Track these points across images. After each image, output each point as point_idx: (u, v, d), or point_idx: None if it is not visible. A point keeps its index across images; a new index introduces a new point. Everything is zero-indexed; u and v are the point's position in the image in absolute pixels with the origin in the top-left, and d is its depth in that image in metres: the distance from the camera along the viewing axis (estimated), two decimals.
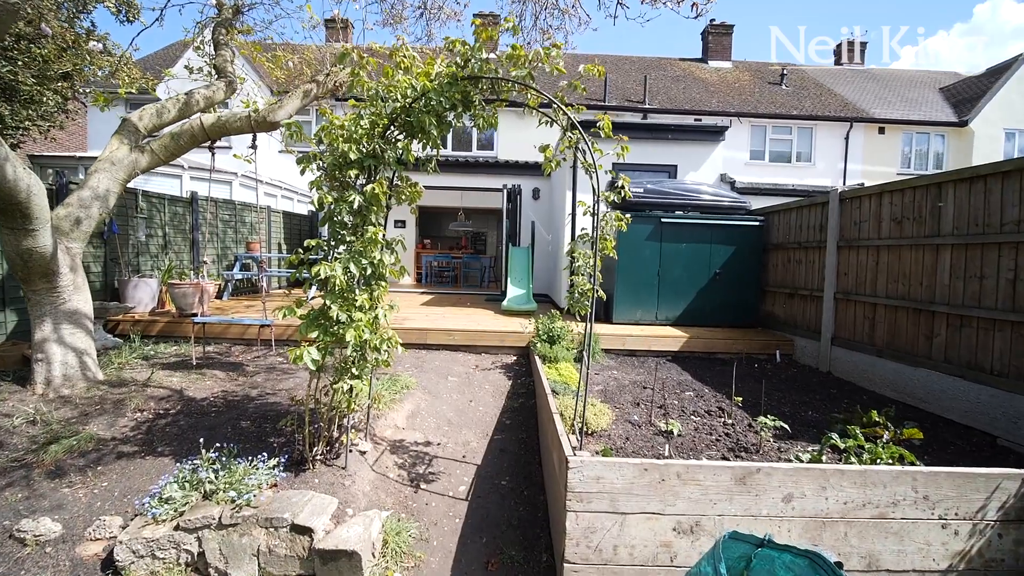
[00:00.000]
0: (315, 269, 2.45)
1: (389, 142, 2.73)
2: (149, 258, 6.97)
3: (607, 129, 2.84)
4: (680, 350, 5.94)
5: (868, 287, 4.90)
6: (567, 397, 3.75)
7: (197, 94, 4.89)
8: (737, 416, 3.91)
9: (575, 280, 3.02)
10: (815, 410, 4.22)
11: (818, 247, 5.66)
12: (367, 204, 2.62)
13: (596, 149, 2.87)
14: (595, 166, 2.70)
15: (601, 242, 3.03)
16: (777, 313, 6.45)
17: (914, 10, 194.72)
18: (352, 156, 2.58)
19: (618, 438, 3.39)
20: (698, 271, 6.63)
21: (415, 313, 7.30)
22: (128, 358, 5.03)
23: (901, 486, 2.34)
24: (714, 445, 3.37)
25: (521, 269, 8.52)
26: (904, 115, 15.23)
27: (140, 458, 3.14)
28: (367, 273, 2.66)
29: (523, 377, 5.08)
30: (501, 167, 10.59)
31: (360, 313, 2.64)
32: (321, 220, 2.78)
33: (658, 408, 4.07)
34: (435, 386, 4.71)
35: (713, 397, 4.47)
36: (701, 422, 3.80)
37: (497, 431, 4.01)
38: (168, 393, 4.20)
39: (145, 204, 6.86)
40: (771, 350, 6.00)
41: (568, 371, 4.55)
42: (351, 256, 2.57)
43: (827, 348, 5.39)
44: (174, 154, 4.61)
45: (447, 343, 5.90)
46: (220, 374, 4.79)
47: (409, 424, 3.96)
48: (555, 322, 5.22)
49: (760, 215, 6.74)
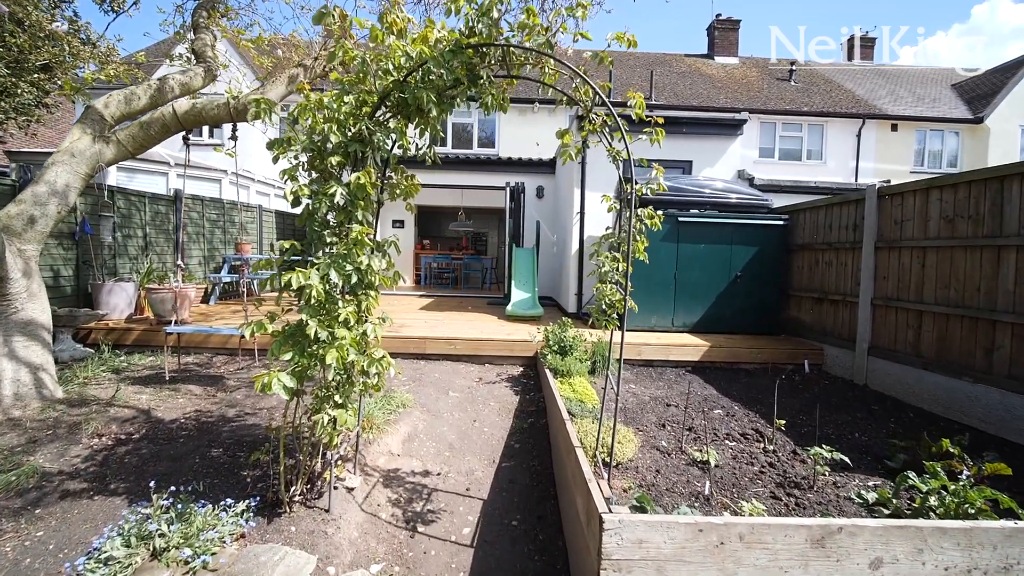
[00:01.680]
0: (286, 277, 1.99)
1: (379, 124, 2.26)
2: (128, 260, 6.49)
3: (639, 107, 2.38)
4: (701, 360, 5.47)
5: (912, 292, 4.44)
6: (586, 420, 3.29)
7: (172, 80, 4.43)
8: (778, 441, 3.44)
9: (601, 289, 2.55)
10: (862, 431, 3.76)
11: (851, 248, 5.20)
12: (352, 198, 2.16)
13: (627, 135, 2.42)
14: (628, 152, 2.23)
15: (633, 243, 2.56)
16: (803, 319, 5.99)
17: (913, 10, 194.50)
18: (333, 139, 2.12)
19: (647, 470, 2.93)
20: (717, 274, 6.17)
21: (413, 319, 6.83)
22: (95, 371, 4.56)
23: (1015, 547, 1.88)
24: (758, 478, 2.91)
25: (526, 271, 8.06)
26: (918, 112, 14.79)
27: (88, 498, 2.67)
28: (352, 281, 2.19)
29: (532, 392, 4.61)
30: (503, 164, 10.13)
31: (344, 330, 2.18)
32: (300, 218, 2.32)
33: (687, 431, 3.61)
34: (435, 403, 4.24)
35: (745, 416, 4.00)
36: (738, 448, 3.34)
37: (505, 457, 3.54)
38: (133, 414, 3.73)
39: (123, 202, 6.39)
40: (798, 359, 5.54)
41: (583, 387, 4.09)
42: (332, 261, 2.10)
43: (863, 358, 4.93)
44: (143, 145, 4.14)
45: (448, 353, 5.43)
46: (196, 390, 4.32)
47: (405, 450, 3.49)
48: (566, 331, 4.75)
49: (784, 214, 6.28)
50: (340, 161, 2.18)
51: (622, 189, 2.69)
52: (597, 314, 2.57)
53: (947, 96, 16.06)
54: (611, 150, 2.55)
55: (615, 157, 2.55)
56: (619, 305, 2.45)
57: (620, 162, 2.62)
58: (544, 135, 13.66)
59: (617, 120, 2.24)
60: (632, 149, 2.46)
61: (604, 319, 2.55)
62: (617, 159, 2.57)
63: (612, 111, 2.24)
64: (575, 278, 7.43)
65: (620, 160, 2.61)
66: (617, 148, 2.56)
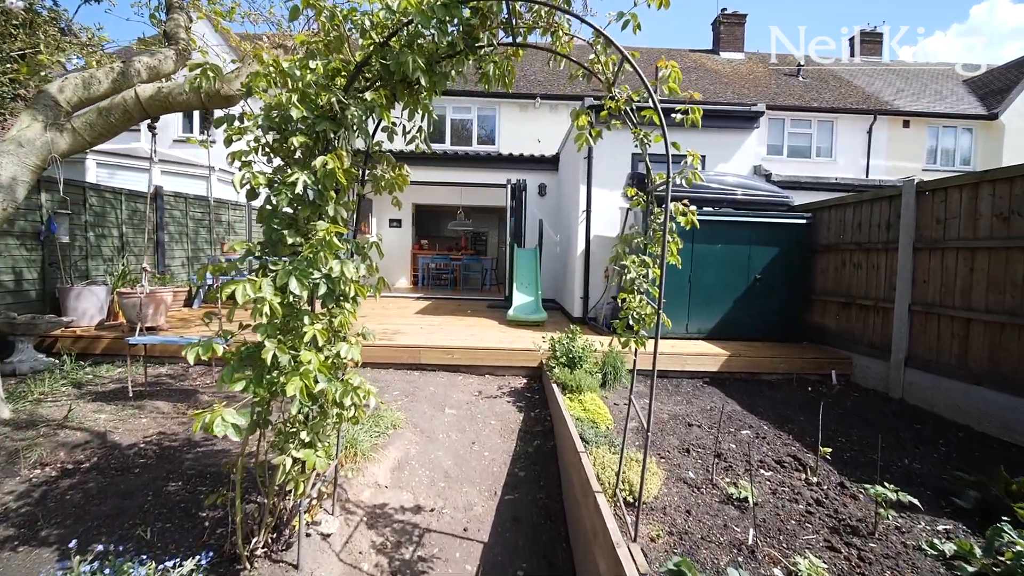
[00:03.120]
0: (228, 289, 1.55)
1: (355, 96, 1.83)
2: (102, 262, 6.06)
3: (674, 79, 1.94)
4: (719, 371, 5.04)
5: (959, 298, 4.01)
6: (601, 449, 2.85)
7: (138, 63, 3.99)
8: (822, 471, 3.01)
9: (627, 300, 2.12)
10: (911, 456, 3.33)
11: (884, 249, 4.77)
12: (319, 188, 1.72)
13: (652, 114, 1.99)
14: (664, 133, 1.80)
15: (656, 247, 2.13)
16: (828, 325, 5.55)
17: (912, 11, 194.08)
18: (295, 114, 1.69)
19: (675, 510, 2.50)
20: (735, 276, 5.73)
21: (408, 324, 6.40)
22: (53, 386, 4.12)
23: None
24: (806, 520, 2.47)
25: (528, 273, 7.62)
26: (930, 107, 14.37)
27: (10, 549, 2.23)
28: (321, 292, 1.75)
29: (537, 408, 4.18)
30: (504, 161, 9.69)
31: (310, 353, 1.74)
32: (259, 215, 1.89)
33: (715, 457, 3.18)
34: (429, 422, 3.81)
35: (777, 438, 3.57)
36: (776, 480, 2.91)
37: (508, 488, 3.11)
38: (87, 438, 3.29)
39: (96, 199, 5.95)
40: (824, 370, 5.11)
41: (595, 405, 3.65)
42: (294, 268, 1.67)
43: (899, 370, 4.49)
44: (103, 134, 3.70)
45: (445, 363, 5.00)
46: (164, 407, 3.88)
47: (394, 480, 3.06)
48: (575, 340, 4.32)
49: (806, 212, 5.85)
50: (304, 142, 1.74)
51: (647, 181, 2.26)
52: (621, 329, 2.14)
53: (959, 92, 15.64)
54: (637, 132, 2.11)
55: (642, 141, 2.12)
56: (649, 319, 2.01)
57: (648, 148, 2.19)
58: (546, 131, 13.22)
59: (649, 89, 1.81)
60: (632, 142, 2.03)
61: (630, 335, 2.12)
62: (645, 143, 2.13)
63: (643, 77, 1.80)
64: (580, 280, 7.00)
65: (648, 145, 2.18)
66: (642, 132, 2.13)
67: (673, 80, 1.99)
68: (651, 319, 2.04)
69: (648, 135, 2.14)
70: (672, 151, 2.01)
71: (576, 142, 2.27)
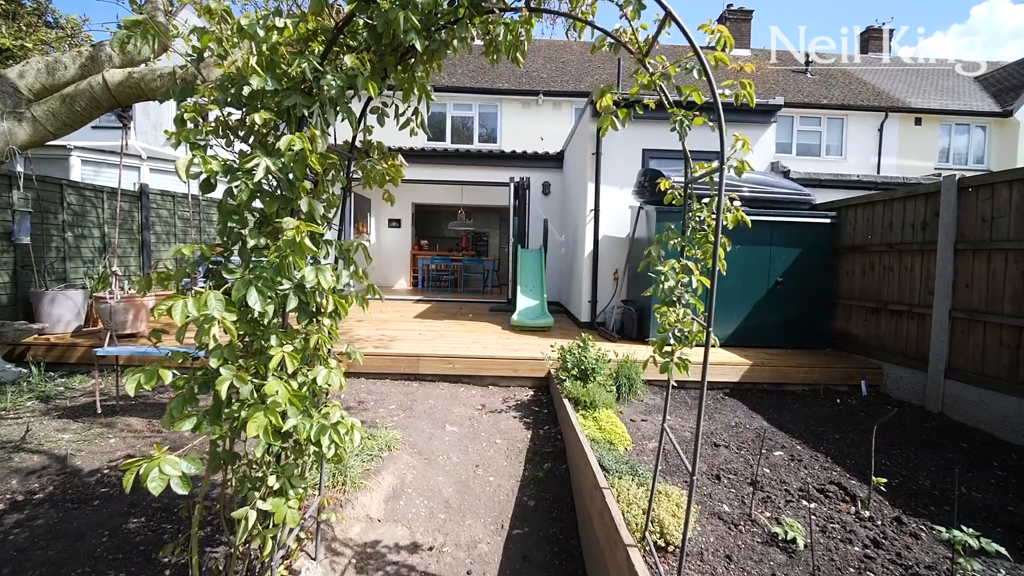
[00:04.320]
0: (160, 308, 1.20)
1: (332, 63, 1.48)
2: (81, 264, 5.71)
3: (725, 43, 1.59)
4: (740, 381, 4.69)
5: (1009, 304, 3.65)
6: (625, 480, 2.50)
7: (110, 47, 3.65)
8: (873, 504, 2.65)
9: (666, 313, 1.76)
10: (966, 482, 2.97)
11: (920, 250, 4.42)
12: (287, 177, 1.37)
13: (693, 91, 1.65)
14: (718, 105, 1.45)
15: (706, 245, 1.78)
16: (854, 332, 5.20)
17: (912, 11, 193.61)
18: (255, 83, 1.34)
19: (714, 556, 2.14)
20: (755, 279, 5.38)
21: (406, 330, 6.05)
22: (18, 400, 3.78)
23: None
24: (867, 569, 2.12)
25: (533, 275, 7.27)
26: (943, 104, 14.02)
27: None
28: (290, 307, 1.41)
29: (546, 424, 3.82)
30: (506, 158, 9.34)
31: (278, 383, 1.39)
32: (220, 211, 1.54)
33: (749, 485, 2.82)
34: (428, 442, 3.45)
35: (814, 460, 3.22)
36: (822, 514, 2.55)
37: (517, 520, 2.75)
38: (45, 462, 2.94)
39: (75, 198, 5.61)
40: (853, 380, 4.76)
41: (611, 423, 3.30)
42: (255, 277, 1.32)
43: (938, 382, 4.14)
44: (68, 124, 3.36)
45: (445, 373, 4.65)
46: (137, 424, 3.54)
47: (388, 512, 2.71)
48: (587, 350, 3.96)
49: (830, 210, 5.49)
50: (269, 119, 1.39)
51: (687, 170, 1.91)
52: (658, 350, 1.78)
53: (972, 89, 15.28)
54: (675, 112, 1.77)
55: (681, 123, 1.77)
56: (694, 337, 1.66)
57: (687, 132, 1.84)
58: (549, 129, 12.89)
59: (699, 52, 1.46)
60: (646, 137, 1.70)
61: (667, 359, 1.77)
62: (684, 126, 1.78)
63: (690, 36, 1.45)
64: (588, 283, 6.65)
65: (688, 129, 1.83)
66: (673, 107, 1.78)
67: (721, 47, 1.64)
68: (696, 337, 1.69)
69: (688, 116, 1.79)
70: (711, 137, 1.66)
71: (600, 125, 1.92)
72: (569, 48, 16.22)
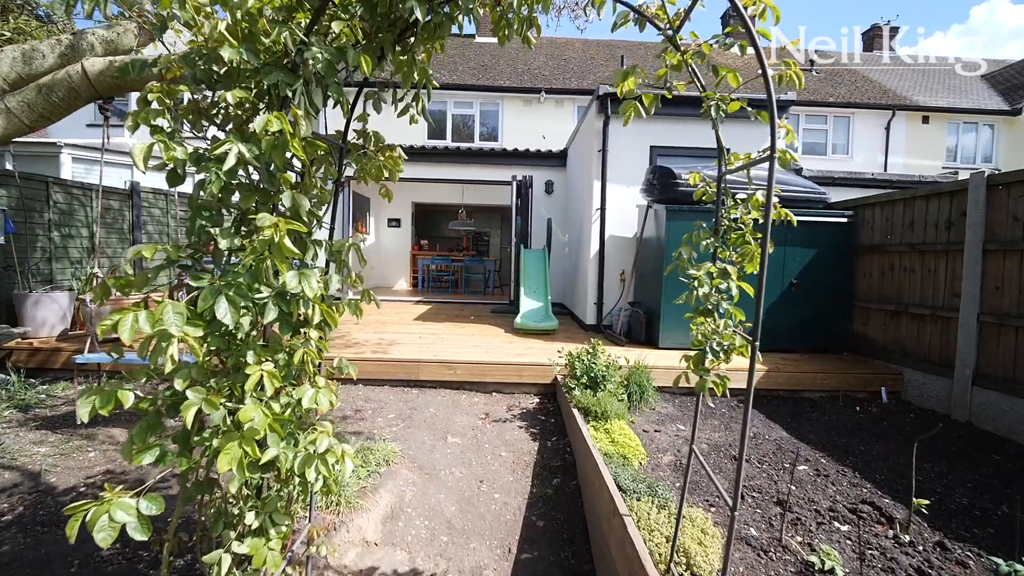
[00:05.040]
0: (107, 322, 1.00)
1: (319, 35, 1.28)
2: (69, 265, 5.50)
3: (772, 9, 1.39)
4: (755, 387, 4.46)
5: None
6: (643, 501, 2.30)
7: (92, 36, 3.44)
8: (913, 526, 2.45)
9: (702, 324, 1.56)
10: (1005, 499, 2.77)
11: (945, 251, 4.21)
12: (264, 165, 1.17)
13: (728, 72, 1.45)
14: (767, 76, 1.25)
15: (746, 247, 1.58)
16: (873, 335, 4.99)
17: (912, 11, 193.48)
18: (227, 54, 1.13)
19: None
20: (769, 280, 5.16)
21: (406, 333, 5.84)
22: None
23: None
24: None
25: (537, 276, 7.06)
26: (951, 103, 13.82)
27: None
28: (269, 318, 1.20)
29: (554, 435, 3.62)
30: (508, 156, 9.13)
31: (255, 407, 1.19)
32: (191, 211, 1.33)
33: (775, 504, 2.62)
34: (428, 455, 3.25)
35: (842, 475, 3.01)
36: (857, 537, 2.35)
37: (525, 543, 2.55)
38: (17, 479, 2.73)
39: (62, 196, 5.40)
40: (872, 386, 4.55)
41: (624, 435, 3.10)
42: (226, 284, 1.11)
43: (965, 389, 3.93)
44: (46, 116, 3.15)
45: (446, 379, 4.44)
46: (119, 436, 3.34)
47: (386, 534, 2.50)
48: (597, 356, 3.76)
49: (846, 209, 5.29)
50: (244, 99, 1.18)
51: (721, 162, 1.71)
52: (695, 366, 1.58)
53: (979, 87, 15.08)
54: (711, 96, 1.56)
55: (717, 106, 1.57)
56: (742, 352, 1.46)
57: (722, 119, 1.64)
58: (551, 127, 12.67)
59: (746, 20, 1.26)
60: (654, 134, 1.50)
61: (704, 377, 1.56)
62: (720, 111, 1.58)
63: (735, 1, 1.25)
64: (594, 285, 6.44)
65: (723, 115, 1.63)
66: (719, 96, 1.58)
67: (764, 18, 1.44)
68: (739, 352, 1.49)
69: (724, 99, 1.59)
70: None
71: (622, 112, 1.71)
72: (570, 45, 16.02)
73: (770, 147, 1.27)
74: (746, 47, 1.41)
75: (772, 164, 1.27)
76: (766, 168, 1.35)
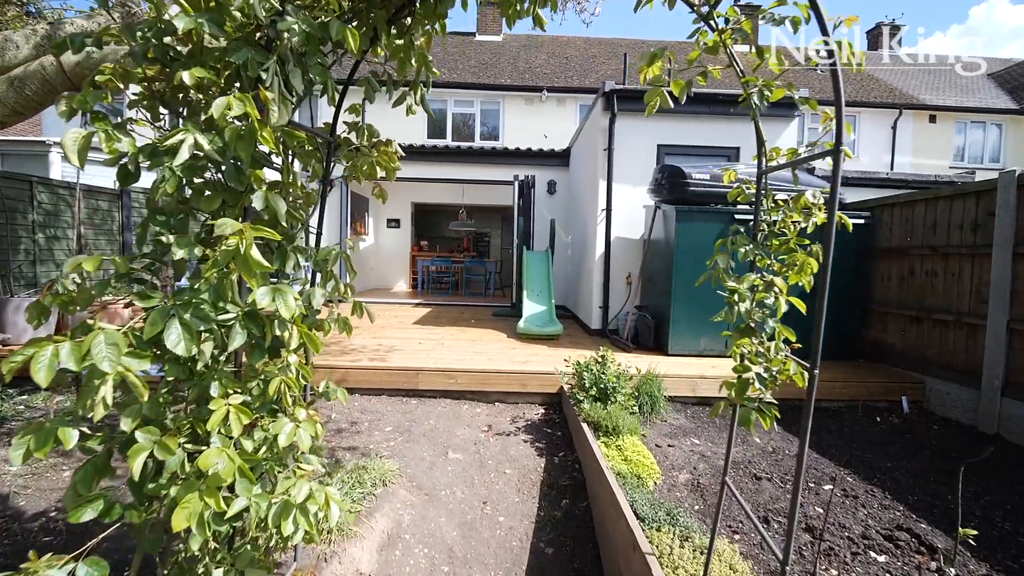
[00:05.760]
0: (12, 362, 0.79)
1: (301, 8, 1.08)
2: (54, 267, 5.29)
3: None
4: None
5: None
6: (663, 532, 2.10)
7: (71, 26, 3.23)
8: (958, 557, 2.24)
9: (744, 346, 1.36)
10: None
11: (970, 254, 4.01)
12: (228, 159, 0.97)
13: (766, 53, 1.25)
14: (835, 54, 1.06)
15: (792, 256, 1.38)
16: (891, 342, 4.80)
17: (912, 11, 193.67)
18: (182, 24, 0.93)
19: None
20: None
21: (405, 338, 5.64)
22: None
23: None
24: None
25: (540, 279, 6.86)
26: (958, 102, 13.63)
27: None
28: (235, 344, 1.00)
29: (561, 451, 3.41)
30: (510, 156, 8.94)
31: (219, 451, 0.98)
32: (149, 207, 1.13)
33: (804, 531, 2.42)
34: (428, 473, 3.05)
35: (870, 495, 2.81)
36: (897, 571, 2.14)
37: (533, 573, 2.34)
38: None
39: (47, 196, 5.19)
40: (892, 396, 4.35)
41: (637, 452, 2.90)
42: (181, 304, 0.91)
43: (994, 400, 3.73)
44: (17, 110, 2.95)
45: (447, 389, 4.24)
46: None
47: (382, 564, 2.30)
48: (607, 366, 3.55)
49: (863, 210, 5.09)
50: (204, 80, 0.98)
51: (762, 157, 1.51)
52: (738, 394, 1.38)
53: (987, 86, 14.89)
54: (752, 81, 1.37)
55: (760, 92, 1.37)
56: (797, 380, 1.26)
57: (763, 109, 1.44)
58: (552, 127, 12.47)
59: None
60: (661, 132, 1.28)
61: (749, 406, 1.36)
62: (764, 97, 1.38)
63: None
64: (599, 288, 6.24)
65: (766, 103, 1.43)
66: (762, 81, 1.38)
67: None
68: (791, 378, 1.29)
69: (769, 84, 1.39)
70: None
71: (647, 100, 1.51)
72: (572, 44, 15.81)
73: (835, 140, 1.08)
74: (799, 22, 1.21)
75: (838, 159, 1.08)
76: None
